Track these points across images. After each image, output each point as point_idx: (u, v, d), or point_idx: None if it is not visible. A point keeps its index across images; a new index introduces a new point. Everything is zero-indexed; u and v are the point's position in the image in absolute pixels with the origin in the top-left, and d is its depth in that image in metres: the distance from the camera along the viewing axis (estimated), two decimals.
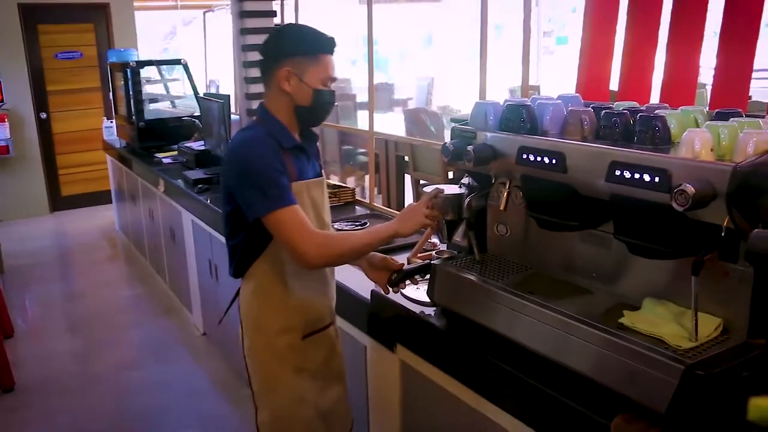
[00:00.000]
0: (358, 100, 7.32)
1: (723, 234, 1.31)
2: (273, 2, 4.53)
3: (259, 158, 1.83)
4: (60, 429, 3.37)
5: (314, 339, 2.05)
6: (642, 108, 1.70)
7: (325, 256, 1.84)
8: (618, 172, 1.46)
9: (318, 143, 2.12)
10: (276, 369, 2.00)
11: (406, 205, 1.98)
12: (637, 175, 1.42)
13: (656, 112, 1.55)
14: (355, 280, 2.35)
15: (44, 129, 7.60)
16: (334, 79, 1.93)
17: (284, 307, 1.99)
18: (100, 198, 7.74)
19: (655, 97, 2.29)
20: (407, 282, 2.08)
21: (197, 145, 4.71)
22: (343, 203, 3.47)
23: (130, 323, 4.68)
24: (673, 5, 2.21)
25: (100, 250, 6.35)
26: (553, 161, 1.61)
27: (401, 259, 2.50)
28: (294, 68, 1.88)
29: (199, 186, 3.94)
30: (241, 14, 4.43)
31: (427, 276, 2.01)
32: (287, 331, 2.00)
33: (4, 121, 7.17)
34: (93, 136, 7.47)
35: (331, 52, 1.91)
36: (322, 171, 2.11)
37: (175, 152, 5.05)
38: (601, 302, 1.62)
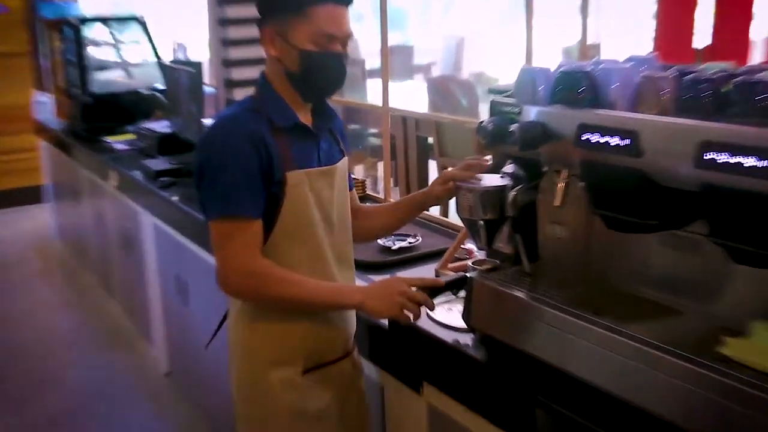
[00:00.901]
0: (368, 66, 7.32)
1: None
2: None
3: (223, 148, 1.92)
4: None
5: (320, 375, 2.08)
6: (740, 70, 1.70)
7: (249, 291, 1.95)
8: (710, 155, 1.46)
9: (333, 122, 2.15)
10: (265, 411, 2.03)
11: (381, 280, 2.05)
12: (736, 159, 1.42)
13: (759, 75, 1.54)
14: None
15: None
16: (334, 37, 1.94)
17: (279, 331, 2.02)
18: (30, 196, 7.75)
19: (757, 56, 2.28)
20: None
21: (160, 127, 4.74)
22: None
23: (69, 360, 4.70)
24: None
25: (29, 263, 6.39)
26: (624, 142, 1.62)
27: (426, 271, 2.52)
28: (279, 27, 1.94)
29: (164, 179, 3.97)
30: None
31: (462, 293, 2.02)
32: (282, 363, 2.02)
33: None
34: (19, 115, 7.45)
35: (325, 1, 1.93)
36: (345, 158, 2.14)
37: (132, 135, 5.09)
38: (693, 326, 1.62)
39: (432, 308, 1.99)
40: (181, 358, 4.09)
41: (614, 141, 1.64)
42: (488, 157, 2.17)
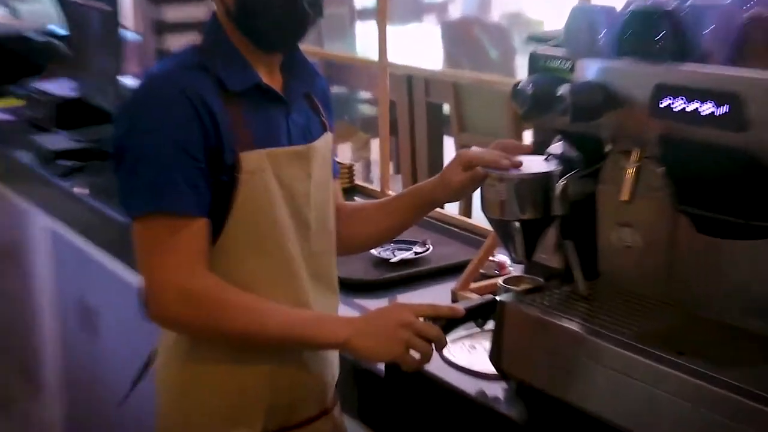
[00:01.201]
0: (358, 5, 7.33)
1: None
2: None
3: (151, 119, 1.93)
4: None
5: None
6: None
7: (189, 319, 1.92)
8: None
9: (313, 82, 2.16)
10: None
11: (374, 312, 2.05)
12: None
13: None
14: None
15: None
16: None
17: (229, 377, 2.02)
18: None
19: None
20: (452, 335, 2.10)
21: (60, 88, 4.73)
22: None
23: None
24: None
25: None
26: (721, 110, 1.63)
27: (440, 293, 2.53)
28: None
29: (65, 163, 3.98)
30: None
31: (490, 324, 2.03)
32: (233, 423, 2.03)
33: None
34: None
35: None
36: (328, 133, 2.15)
37: (18, 101, 5.09)
38: None
39: (444, 345, 1.99)
40: (85, 420, 4.09)
41: (707, 108, 1.65)
42: (529, 133, 2.18)
